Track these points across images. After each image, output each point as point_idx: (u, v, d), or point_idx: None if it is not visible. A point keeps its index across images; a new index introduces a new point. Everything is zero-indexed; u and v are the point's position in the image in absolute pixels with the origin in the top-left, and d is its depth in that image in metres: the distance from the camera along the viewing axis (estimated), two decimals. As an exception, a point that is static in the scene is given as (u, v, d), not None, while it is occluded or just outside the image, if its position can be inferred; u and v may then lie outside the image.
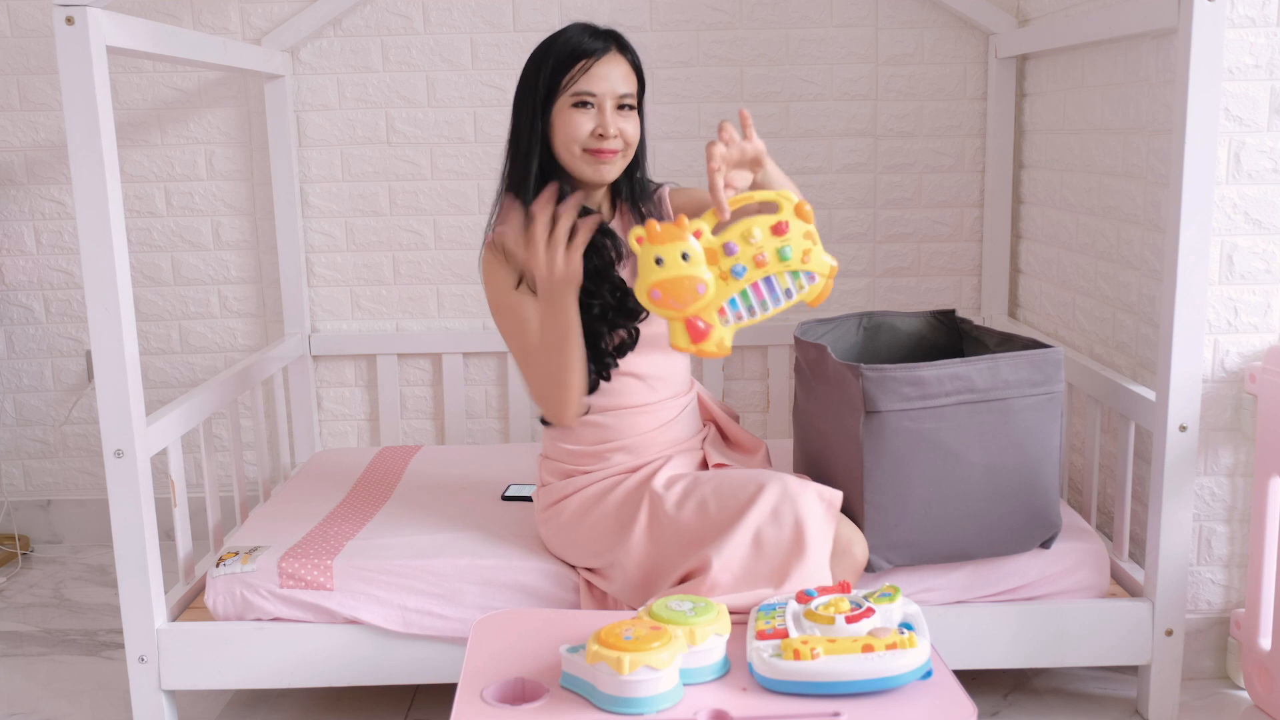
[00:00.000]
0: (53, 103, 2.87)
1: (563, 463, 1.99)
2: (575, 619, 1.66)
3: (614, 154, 1.84)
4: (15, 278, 2.95)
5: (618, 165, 1.86)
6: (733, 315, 1.54)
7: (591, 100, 1.82)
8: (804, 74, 2.83)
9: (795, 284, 1.54)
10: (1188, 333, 1.90)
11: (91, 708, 2.18)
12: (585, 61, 1.81)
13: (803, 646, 1.39)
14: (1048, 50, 2.55)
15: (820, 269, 1.54)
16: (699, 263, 1.51)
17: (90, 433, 3.03)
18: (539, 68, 1.84)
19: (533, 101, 1.84)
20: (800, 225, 1.53)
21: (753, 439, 2.10)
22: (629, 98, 1.85)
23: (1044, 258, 2.69)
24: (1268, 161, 2.00)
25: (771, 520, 1.74)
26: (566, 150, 1.84)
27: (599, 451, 1.95)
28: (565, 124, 1.83)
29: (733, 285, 1.53)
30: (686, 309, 1.52)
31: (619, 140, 1.83)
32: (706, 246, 1.52)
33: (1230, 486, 2.10)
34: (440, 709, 2.11)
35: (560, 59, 1.82)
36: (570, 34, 1.85)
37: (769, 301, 1.54)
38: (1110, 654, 2.01)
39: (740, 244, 1.52)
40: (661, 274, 1.52)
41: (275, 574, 1.98)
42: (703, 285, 1.51)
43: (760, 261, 1.52)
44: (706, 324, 1.54)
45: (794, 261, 1.53)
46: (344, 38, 2.82)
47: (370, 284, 2.94)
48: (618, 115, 1.83)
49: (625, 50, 1.86)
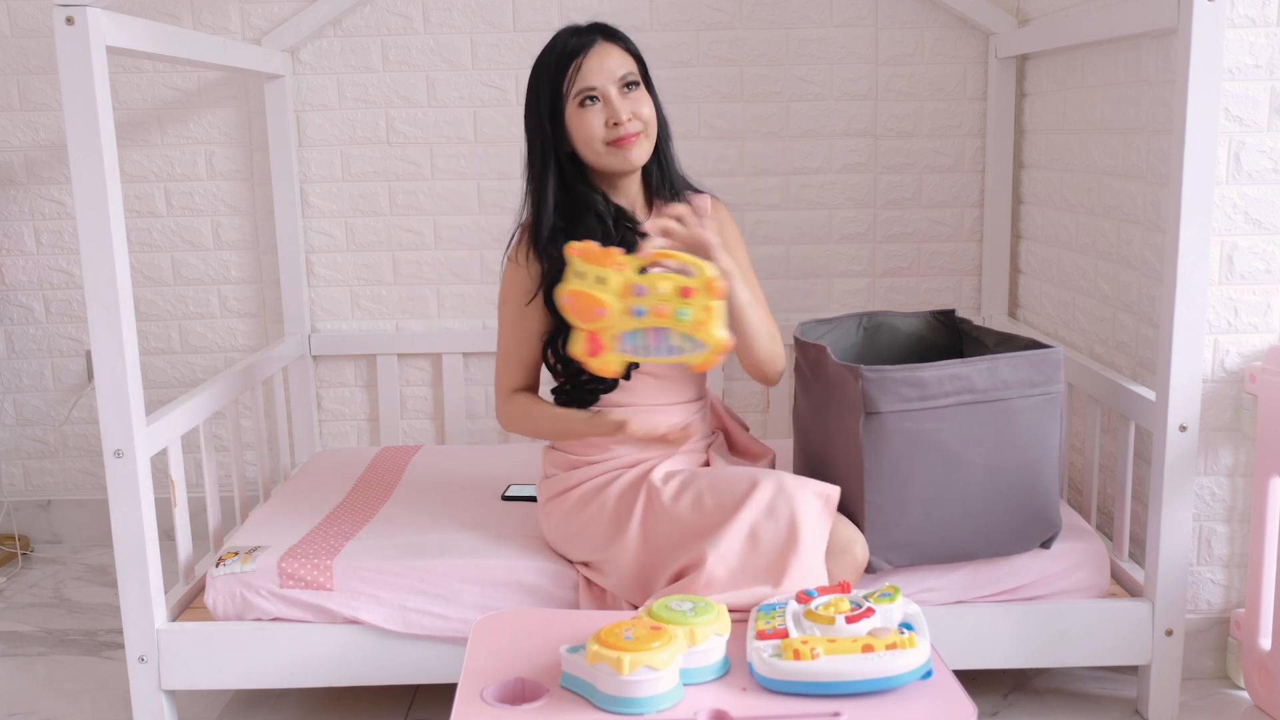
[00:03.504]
0: (53, 103, 2.87)
1: (568, 452, 2.01)
2: (575, 619, 1.66)
3: (635, 136, 1.85)
4: (15, 278, 2.95)
5: (644, 146, 1.88)
6: (626, 347, 1.70)
7: (594, 94, 1.83)
8: (804, 74, 2.83)
9: (684, 344, 1.68)
10: (1188, 333, 1.90)
11: (91, 708, 2.18)
12: (576, 60, 1.83)
13: (803, 646, 1.39)
14: (1048, 50, 2.55)
15: (710, 341, 1.66)
16: (611, 291, 1.67)
17: (90, 433, 3.03)
18: (538, 85, 1.88)
19: (540, 117, 1.87)
20: (704, 299, 1.65)
21: (760, 446, 2.11)
22: (630, 76, 1.86)
23: (1044, 258, 2.69)
24: (1268, 161, 2.00)
25: (767, 515, 1.75)
26: (590, 150, 1.86)
27: (605, 442, 1.96)
28: (579, 126, 1.85)
29: (631, 322, 1.68)
30: (587, 324, 1.70)
31: (635, 121, 1.85)
32: (624, 280, 1.67)
33: (1230, 486, 2.10)
34: (440, 709, 2.11)
35: (553, 68, 1.85)
36: (557, 41, 1.88)
37: (658, 349, 1.70)
38: (1110, 654, 2.01)
39: (649, 291, 1.66)
40: (579, 286, 1.69)
41: (275, 574, 1.98)
42: (604, 310, 1.68)
43: (659, 313, 1.66)
44: (600, 344, 1.71)
45: (688, 325, 1.66)
46: (344, 38, 2.82)
47: (370, 284, 2.94)
48: (625, 98, 1.85)
49: (613, 37, 1.88)
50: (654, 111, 1.89)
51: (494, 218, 2.88)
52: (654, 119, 1.89)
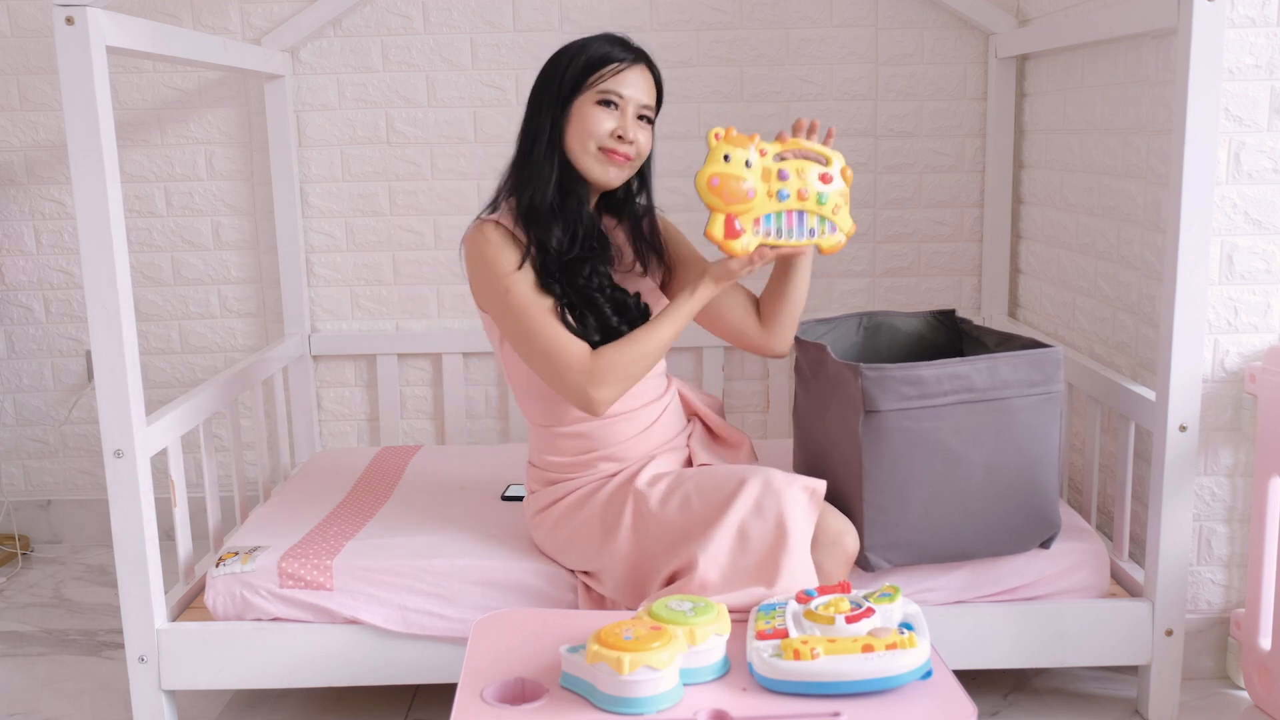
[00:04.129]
0: (53, 103, 2.87)
1: (549, 472, 2.00)
2: (575, 619, 1.66)
3: (626, 159, 1.85)
4: (15, 278, 2.95)
5: (625, 172, 1.88)
6: (764, 229, 1.74)
7: (617, 101, 1.83)
8: (804, 74, 2.83)
9: (820, 228, 1.76)
10: (1188, 333, 1.90)
11: (91, 708, 2.18)
12: (617, 65, 1.84)
13: (803, 646, 1.39)
14: (1048, 50, 2.55)
15: (844, 225, 1.77)
16: (756, 173, 1.72)
17: (90, 433, 3.03)
18: (565, 66, 1.85)
19: (555, 96, 1.85)
20: (841, 184, 1.76)
21: (737, 433, 2.11)
22: (649, 110, 1.88)
23: (1044, 258, 2.69)
24: (1268, 161, 2.00)
25: (755, 514, 1.75)
26: (581, 145, 1.85)
27: (584, 461, 1.96)
28: (585, 119, 1.84)
29: (773, 204, 1.73)
30: (731, 205, 1.71)
31: (634, 148, 1.85)
32: (765, 165, 1.72)
33: (1230, 486, 2.10)
34: (440, 709, 2.11)
35: (592, 59, 1.84)
36: (602, 41, 1.87)
37: (795, 231, 1.75)
38: (1110, 654, 2.01)
39: (792, 174, 1.72)
40: (724, 169, 1.71)
41: (275, 574, 1.98)
42: (752, 190, 1.71)
43: (802, 195, 1.73)
44: (741, 226, 1.72)
45: (826, 208, 1.75)
46: (344, 38, 2.82)
47: (370, 284, 2.94)
48: (637, 125, 1.85)
49: (652, 68, 1.90)
50: (650, 149, 1.90)
51: (494, 218, 2.88)
52: (647, 155, 1.90)
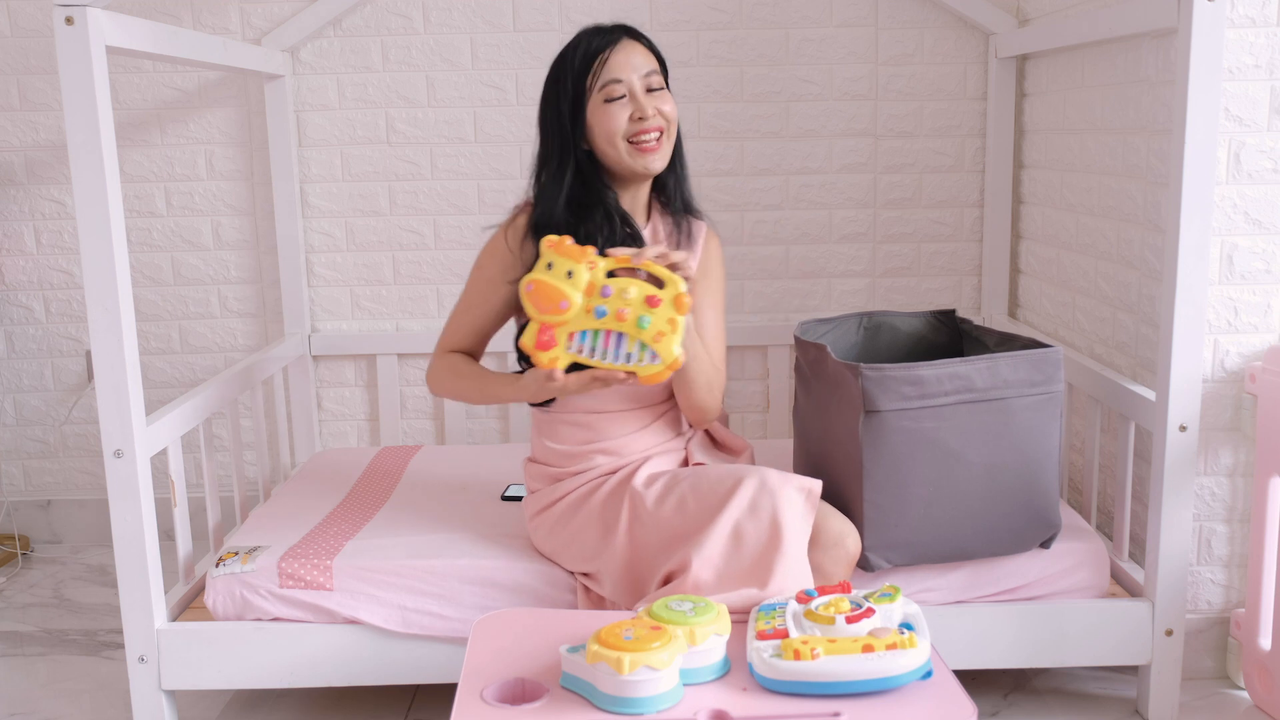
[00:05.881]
0: (53, 103, 2.87)
1: (549, 465, 2.01)
2: (575, 619, 1.66)
3: (658, 133, 1.85)
4: (15, 278, 2.95)
5: (664, 150, 1.87)
6: (576, 346, 1.69)
7: (620, 88, 1.83)
8: (804, 74, 2.83)
9: (639, 354, 1.68)
10: (1188, 333, 1.90)
11: (91, 708, 2.18)
12: (602, 55, 1.83)
13: (803, 646, 1.39)
14: (1048, 50, 2.55)
15: (665, 355, 1.67)
16: (577, 287, 1.67)
17: (90, 433, 3.03)
18: (559, 81, 1.86)
19: (560, 114, 1.86)
20: (670, 311, 1.66)
21: (739, 440, 2.10)
22: (654, 75, 1.86)
23: (1044, 258, 2.69)
24: (1268, 161, 2.00)
25: (750, 514, 1.74)
26: (611, 146, 1.85)
27: (582, 452, 1.96)
28: (602, 121, 1.83)
29: (589, 321, 1.68)
30: (545, 315, 1.68)
31: (659, 118, 1.84)
32: (591, 280, 1.67)
33: (1230, 486, 2.10)
34: (440, 709, 2.11)
35: (578, 64, 1.84)
36: (580, 39, 1.87)
37: (611, 353, 1.69)
38: (1110, 654, 2.01)
39: (615, 293, 1.66)
40: (543, 276, 1.68)
41: (275, 574, 1.98)
42: (567, 303, 1.67)
43: (621, 316, 1.66)
44: (553, 338, 1.69)
45: (648, 333, 1.66)
46: (344, 38, 2.82)
47: (370, 284, 2.94)
48: (650, 96, 1.84)
49: (637, 37, 1.88)
50: (676, 110, 1.89)
51: (494, 217, 2.88)
52: (676, 117, 1.89)
